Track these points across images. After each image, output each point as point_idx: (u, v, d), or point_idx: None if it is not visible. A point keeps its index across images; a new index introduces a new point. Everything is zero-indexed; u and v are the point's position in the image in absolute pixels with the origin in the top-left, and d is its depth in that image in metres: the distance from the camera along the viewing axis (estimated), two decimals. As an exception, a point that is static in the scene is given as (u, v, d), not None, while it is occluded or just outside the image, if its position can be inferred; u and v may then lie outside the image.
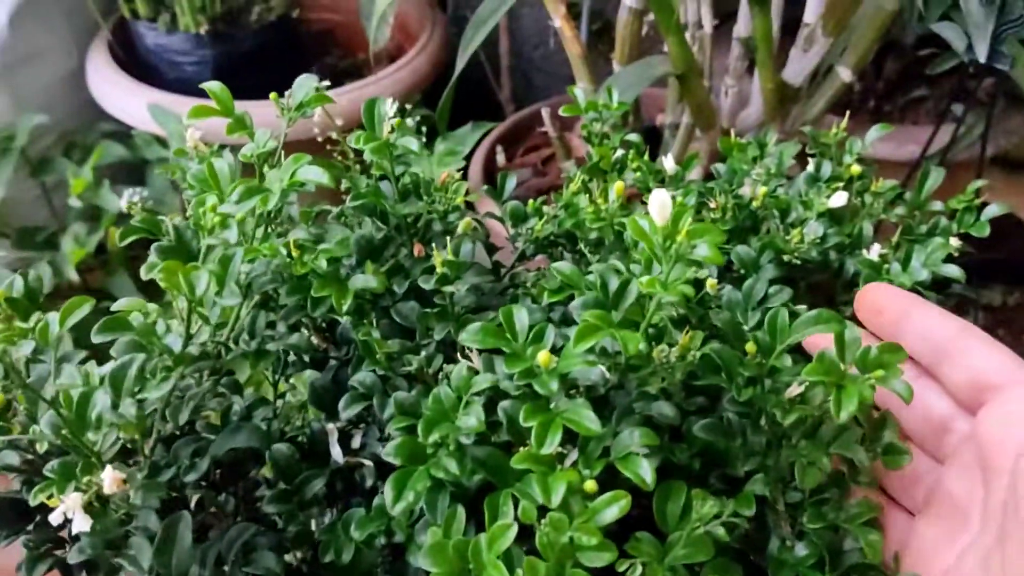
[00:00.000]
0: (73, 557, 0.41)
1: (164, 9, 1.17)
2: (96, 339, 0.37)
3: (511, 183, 0.67)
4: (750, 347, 0.46)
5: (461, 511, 0.41)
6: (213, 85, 0.51)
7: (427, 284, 0.49)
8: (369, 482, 0.52)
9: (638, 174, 0.71)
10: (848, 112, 0.81)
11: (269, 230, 0.52)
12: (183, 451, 0.43)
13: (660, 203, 0.40)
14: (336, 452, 0.53)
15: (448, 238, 0.57)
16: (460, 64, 0.83)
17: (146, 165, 1.24)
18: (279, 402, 0.58)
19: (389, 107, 0.90)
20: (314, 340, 0.56)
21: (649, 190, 0.71)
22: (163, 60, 1.19)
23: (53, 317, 0.34)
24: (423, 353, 0.49)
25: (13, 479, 0.45)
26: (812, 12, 0.97)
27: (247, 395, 0.55)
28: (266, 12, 1.16)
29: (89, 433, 0.36)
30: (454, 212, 0.54)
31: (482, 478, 0.43)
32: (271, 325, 0.53)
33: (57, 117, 1.22)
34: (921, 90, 1.30)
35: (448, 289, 0.48)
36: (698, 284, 0.49)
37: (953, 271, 0.58)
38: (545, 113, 1.08)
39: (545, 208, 0.64)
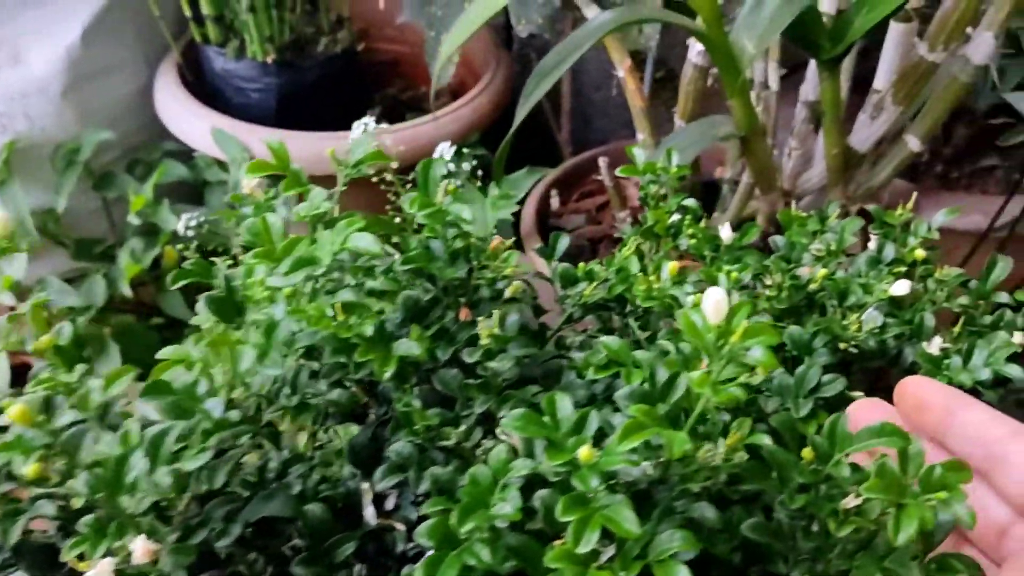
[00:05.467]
0: (100, 614, 0.41)
1: (233, 35, 1.19)
2: (142, 403, 0.37)
3: (563, 243, 0.67)
4: (807, 453, 0.44)
5: (491, 599, 0.40)
6: (273, 141, 0.52)
7: (471, 357, 0.48)
8: (400, 547, 0.52)
9: (693, 241, 0.71)
10: (913, 178, 0.78)
11: (318, 285, 0.52)
12: (216, 512, 0.43)
13: (715, 302, 0.39)
14: (369, 514, 0.52)
15: (494, 302, 0.56)
16: (520, 115, 0.83)
17: (205, 186, 1.26)
18: (317, 453, 0.57)
19: (447, 150, 0.90)
20: (355, 393, 0.56)
21: (703, 257, 0.70)
22: (229, 85, 1.21)
23: (96, 384, 0.34)
24: (463, 426, 0.48)
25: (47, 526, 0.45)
26: (883, 79, 0.95)
27: (285, 440, 0.55)
28: (332, 44, 1.18)
29: (124, 497, 0.36)
30: (503, 280, 0.54)
31: (514, 565, 0.42)
32: (314, 375, 0.53)
33: (122, 133, 1.25)
34: (991, 159, 1.27)
35: (492, 365, 0.47)
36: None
37: (1016, 372, 0.56)
38: (602, 163, 1.07)
39: (596, 268, 0.63)
